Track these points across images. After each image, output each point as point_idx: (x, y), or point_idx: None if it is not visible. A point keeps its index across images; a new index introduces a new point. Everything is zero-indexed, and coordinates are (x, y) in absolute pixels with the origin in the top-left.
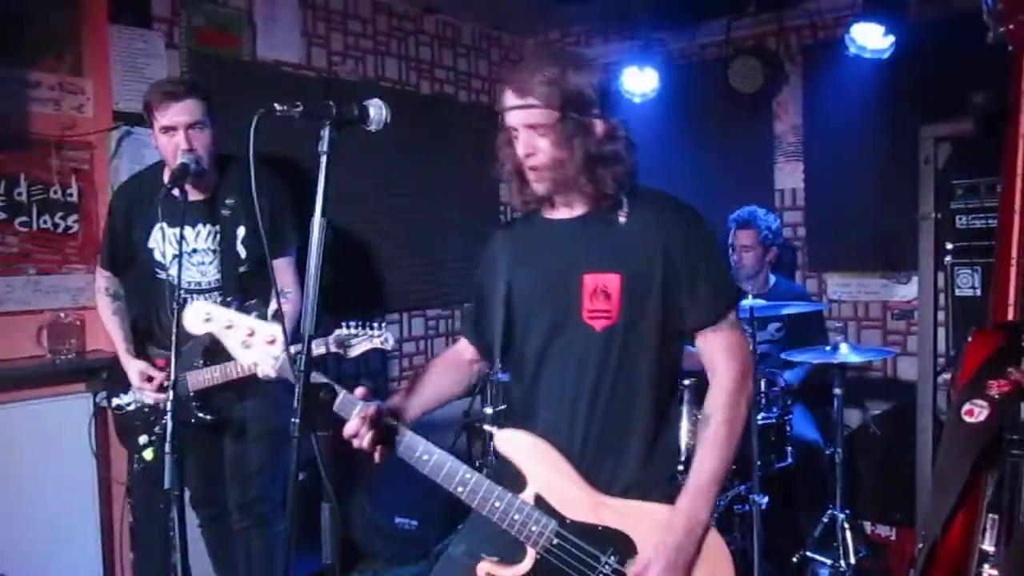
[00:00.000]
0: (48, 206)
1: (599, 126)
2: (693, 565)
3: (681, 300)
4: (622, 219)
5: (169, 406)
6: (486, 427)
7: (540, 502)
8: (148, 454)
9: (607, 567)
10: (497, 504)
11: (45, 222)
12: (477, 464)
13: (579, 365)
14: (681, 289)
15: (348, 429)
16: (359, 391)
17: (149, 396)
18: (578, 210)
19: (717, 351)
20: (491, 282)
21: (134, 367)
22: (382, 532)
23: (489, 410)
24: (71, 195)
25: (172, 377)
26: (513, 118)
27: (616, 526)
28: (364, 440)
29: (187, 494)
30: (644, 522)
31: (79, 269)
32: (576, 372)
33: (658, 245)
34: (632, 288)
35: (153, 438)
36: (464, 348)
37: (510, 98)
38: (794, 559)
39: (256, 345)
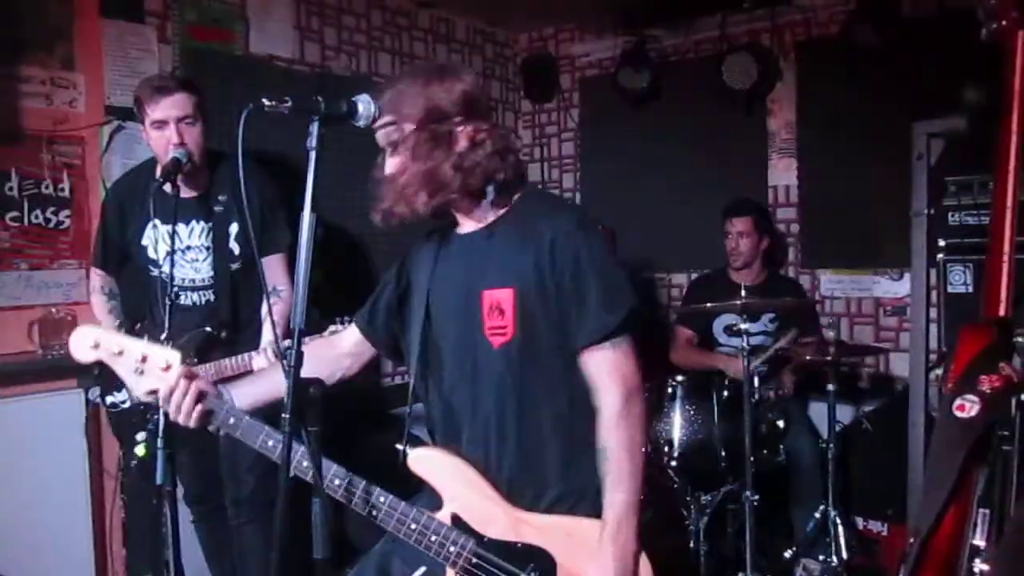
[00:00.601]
0: (40, 201)
1: (461, 136)
2: None
3: (568, 315)
4: (508, 230)
5: (161, 402)
6: (397, 446)
7: (457, 521)
8: (140, 450)
9: None
10: (413, 526)
11: (37, 217)
12: None
13: (486, 383)
14: (570, 303)
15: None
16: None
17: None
18: (477, 224)
19: (599, 373)
20: (409, 288)
21: None
22: (375, 528)
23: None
24: (63, 190)
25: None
26: (378, 138)
27: (536, 542)
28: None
29: (180, 490)
30: (565, 539)
31: (71, 264)
32: (485, 390)
33: (544, 256)
34: (524, 303)
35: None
36: (347, 337)
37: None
38: (786, 555)
39: (150, 372)
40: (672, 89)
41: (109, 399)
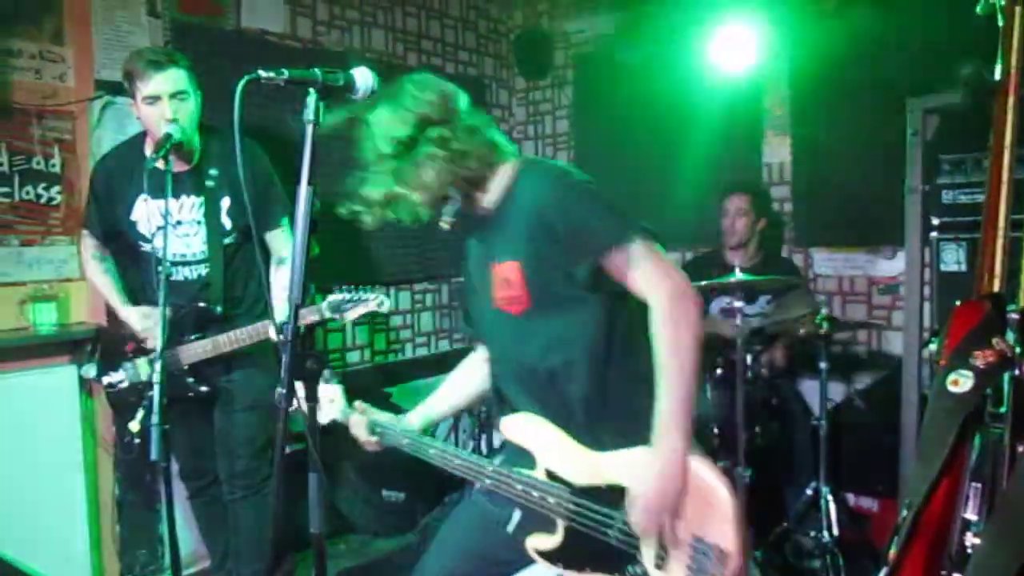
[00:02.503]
0: (30, 176)
1: (423, 153)
2: (680, 499)
3: (576, 250)
4: (507, 205)
5: (156, 378)
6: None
7: (551, 476)
8: (134, 426)
9: (619, 522)
10: (518, 487)
11: (28, 193)
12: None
13: (523, 348)
14: (576, 239)
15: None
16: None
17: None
18: (485, 205)
19: (638, 284)
20: (464, 277)
21: (135, 314)
22: (369, 504)
23: None
24: (54, 166)
25: (159, 348)
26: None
27: (616, 480)
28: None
29: (175, 466)
30: (633, 469)
31: (62, 240)
32: (524, 354)
33: (536, 226)
34: (528, 272)
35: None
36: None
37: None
38: (777, 531)
39: (324, 406)
40: (667, 66)
41: (106, 379)
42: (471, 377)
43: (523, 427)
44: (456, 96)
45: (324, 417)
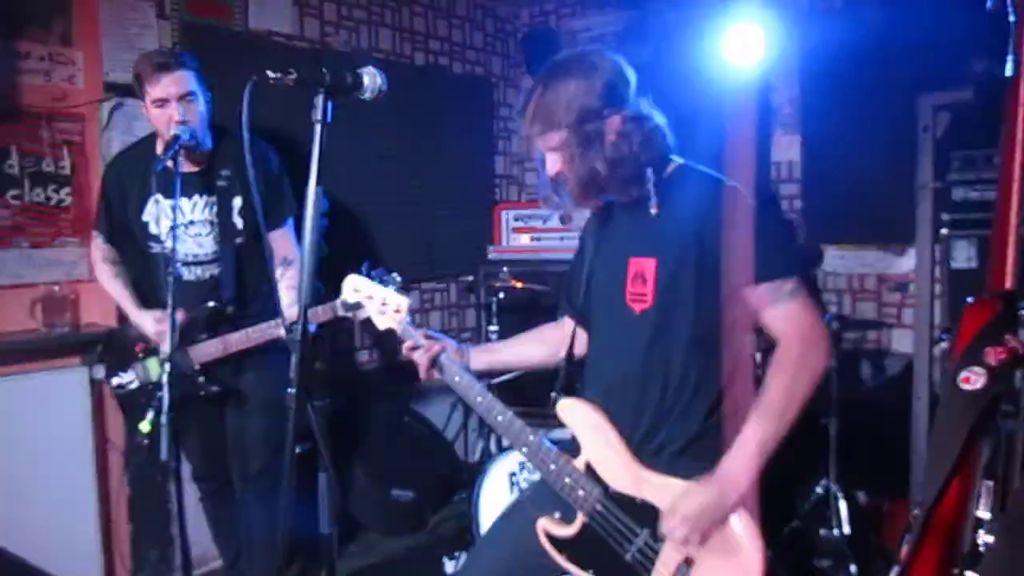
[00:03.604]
0: (40, 179)
1: (609, 131)
2: (714, 534)
3: (720, 272)
4: (653, 210)
5: (165, 378)
6: (552, 394)
7: (589, 470)
8: (144, 426)
9: (641, 541)
10: (552, 467)
11: (38, 195)
12: None
13: (628, 345)
14: (719, 263)
15: (407, 346)
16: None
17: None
18: (634, 199)
19: (778, 325)
20: (580, 262)
21: (147, 318)
22: (378, 503)
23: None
24: (63, 167)
25: (169, 349)
26: (533, 144)
27: (652, 500)
28: (421, 359)
29: (187, 468)
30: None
31: (72, 242)
32: (625, 351)
33: (690, 233)
34: (665, 274)
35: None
36: (565, 322)
37: (524, 127)
38: (787, 529)
39: (388, 312)
40: (675, 63)
41: (115, 380)
42: (547, 342)
43: (580, 413)
44: (633, 78)
45: (382, 324)
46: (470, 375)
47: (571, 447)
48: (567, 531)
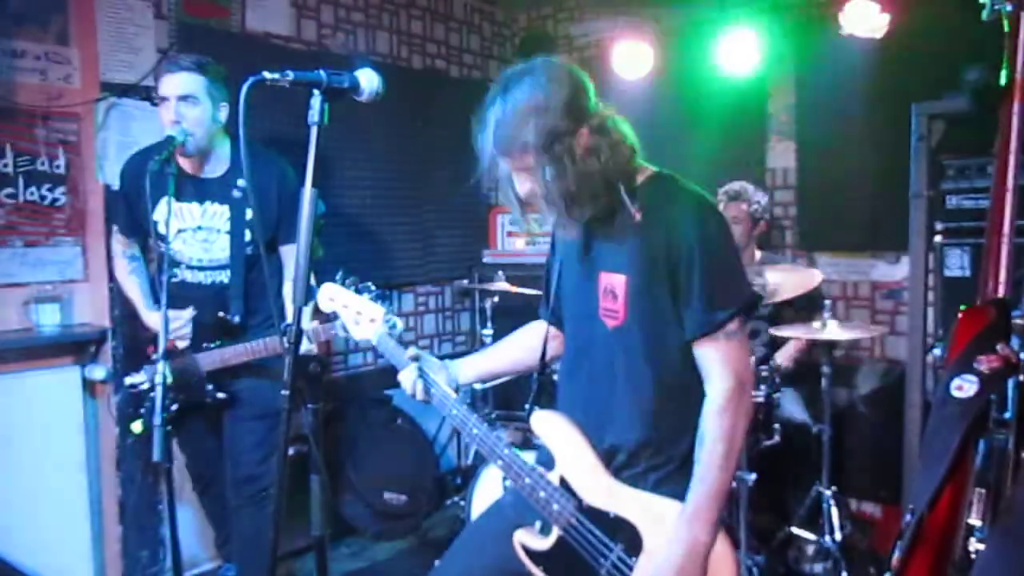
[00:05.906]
0: (35, 178)
1: (577, 148)
2: None
3: (680, 305)
4: (629, 219)
5: (159, 379)
6: (526, 406)
7: (564, 484)
8: (136, 427)
9: (615, 556)
10: (527, 480)
11: (32, 194)
12: None
13: (601, 359)
14: (681, 293)
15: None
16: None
17: (181, 344)
18: (611, 206)
19: (711, 362)
20: (552, 264)
21: (155, 317)
22: (371, 507)
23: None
24: (58, 167)
25: (161, 350)
26: (500, 167)
27: (625, 515)
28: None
29: (186, 466)
30: (654, 518)
31: (66, 241)
32: (599, 365)
33: (662, 247)
34: (635, 291)
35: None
36: (542, 324)
37: (487, 145)
38: (780, 535)
39: (363, 323)
40: (671, 69)
41: (128, 380)
42: (529, 349)
43: (553, 426)
44: (591, 86)
45: (358, 334)
46: (442, 390)
47: (548, 459)
48: (543, 544)
